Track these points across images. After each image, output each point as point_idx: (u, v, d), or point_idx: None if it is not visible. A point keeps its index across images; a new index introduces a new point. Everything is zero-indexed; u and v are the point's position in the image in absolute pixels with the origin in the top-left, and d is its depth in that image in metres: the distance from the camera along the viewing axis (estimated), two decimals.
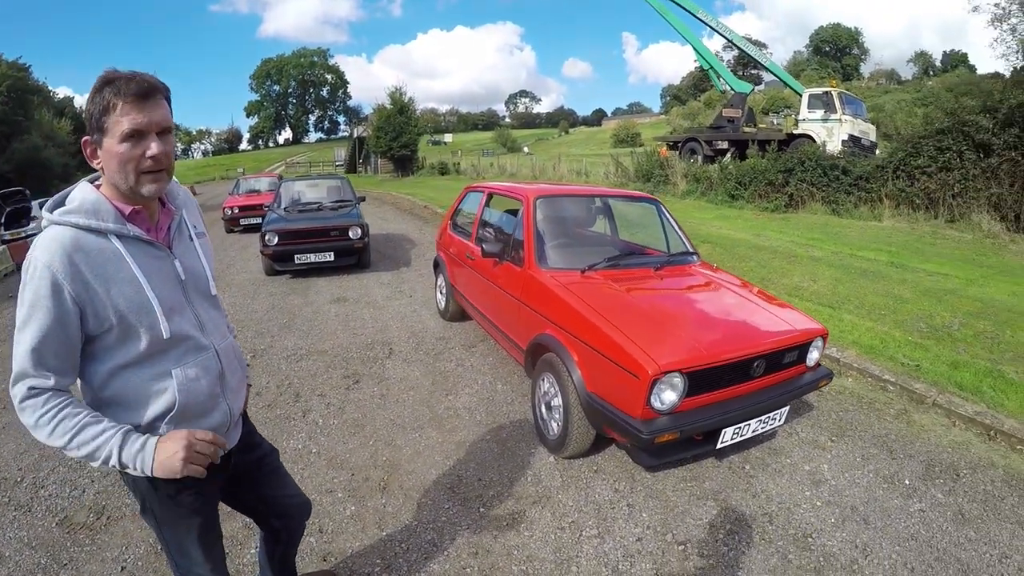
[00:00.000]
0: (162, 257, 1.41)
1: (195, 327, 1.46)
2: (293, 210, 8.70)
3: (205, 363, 1.46)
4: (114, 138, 1.25)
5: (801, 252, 8.45)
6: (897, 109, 36.02)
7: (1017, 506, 2.95)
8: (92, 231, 1.28)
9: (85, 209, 1.28)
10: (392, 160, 36.25)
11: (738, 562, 2.54)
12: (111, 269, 1.28)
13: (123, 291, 1.29)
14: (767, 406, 2.95)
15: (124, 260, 1.30)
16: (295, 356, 4.93)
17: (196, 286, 1.50)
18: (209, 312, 1.54)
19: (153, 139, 1.27)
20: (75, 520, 2.77)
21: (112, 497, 2.95)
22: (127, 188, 1.30)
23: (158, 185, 1.33)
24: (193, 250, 1.52)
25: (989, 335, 5.04)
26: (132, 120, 1.23)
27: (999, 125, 9.90)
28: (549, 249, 3.85)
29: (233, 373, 1.59)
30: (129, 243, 1.33)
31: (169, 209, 1.49)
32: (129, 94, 1.23)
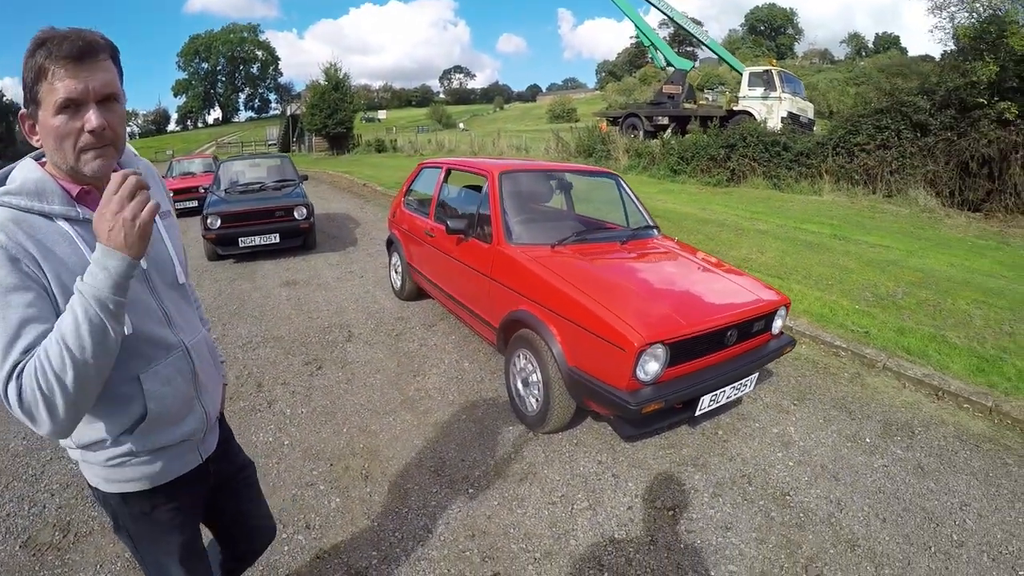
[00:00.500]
0: None
1: (161, 322, 1.27)
2: (234, 191, 8.30)
3: (175, 364, 1.28)
4: (48, 110, 1.04)
5: (747, 225, 8.70)
6: (830, 88, 37.62)
7: (969, 459, 3.15)
8: (36, 214, 1.09)
9: (27, 190, 1.09)
10: (327, 138, 35.18)
11: (726, 523, 2.61)
12: (60, 252, 1.08)
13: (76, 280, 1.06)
14: (739, 373, 3.03)
15: (76, 245, 1.11)
16: (251, 344, 4.72)
17: (161, 275, 1.30)
18: (177, 304, 1.34)
19: (92, 109, 1.06)
20: (40, 540, 2.50)
21: (76, 511, 2.67)
22: (67, 168, 1.11)
23: (103, 162, 1.11)
24: (156, 232, 1.31)
25: (931, 303, 5.33)
26: (66, 87, 1.02)
27: (936, 106, 10.48)
28: (517, 225, 3.79)
29: (207, 371, 1.41)
30: (81, 227, 1.13)
31: None
32: (62, 56, 1.02)
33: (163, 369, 1.25)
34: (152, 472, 1.30)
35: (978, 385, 3.86)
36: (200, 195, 11.86)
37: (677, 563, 2.37)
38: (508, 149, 22.30)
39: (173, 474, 1.35)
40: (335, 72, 34.49)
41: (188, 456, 1.38)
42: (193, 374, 1.34)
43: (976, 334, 4.64)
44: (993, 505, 2.76)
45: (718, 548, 2.45)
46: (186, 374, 1.31)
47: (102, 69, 1.08)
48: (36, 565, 2.35)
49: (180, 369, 1.30)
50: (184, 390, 1.31)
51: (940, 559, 2.41)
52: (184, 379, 1.31)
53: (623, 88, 60.06)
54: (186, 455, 1.38)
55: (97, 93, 1.06)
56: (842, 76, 44.67)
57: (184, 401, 1.31)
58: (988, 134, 9.58)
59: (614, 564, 2.37)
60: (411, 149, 29.31)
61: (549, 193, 4.96)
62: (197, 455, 1.41)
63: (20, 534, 2.53)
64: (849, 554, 2.43)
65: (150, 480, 1.31)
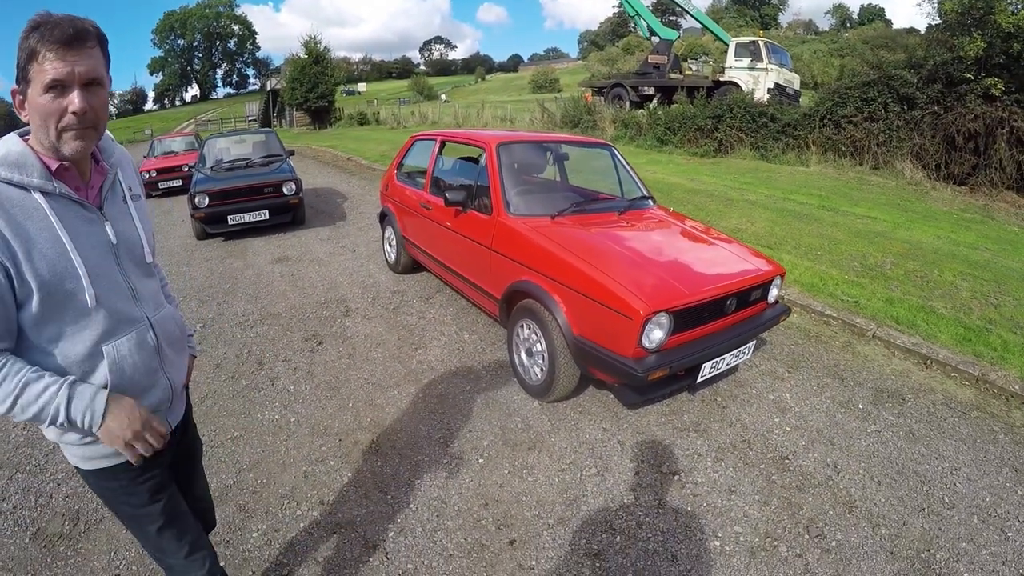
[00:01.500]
0: (92, 219, 1.27)
1: (126, 297, 1.33)
2: (220, 169, 8.14)
3: (139, 337, 1.34)
4: (37, 89, 1.12)
5: (736, 196, 8.73)
6: (814, 59, 37.50)
7: (958, 425, 3.26)
8: (14, 185, 1.15)
9: (9, 162, 1.15)
10: (308, 112, 34.48)
11: (730, 487, 2.68)
12: (32, 228, 1.15)
13: (45, 253, 1.16)
14: (738, 341, 3.09)
15: (48, 219, 1.17)
16: (247, 322, 4.69)
17: (129, 253, 1.36)
18: (143, 281, 1.40)
19: (76, 91, 1.13)
20: (50, 531, 2.46)
21: (85, 499, 2.63)
22: (49, 145, 1.18)
23: (82, 143, 1.19)
24: (127, 213, 1.39)
25: (919, 274, 5.42)
26: (54, 69, 1.10)
27: (923, 80, 10.48)
28: (515, 196, 3.78)
29: (172, 344, 1.47)
30: (55, 201, 1.20)
31: (103, 167, 1.35)
32: (53, 40, 1.10)
33: (126, 342, 1.31)
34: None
35: (965, 355, 3.97)
36: (183, 174, 11.65)
37: (685, 525, 2.44)
38: (493, 120, 22.07)
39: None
40: (315, 45, 33.70)
41: None
42: (157, 347, 1.40)
43: (963, 305, 4.75)
44: (982, 470, 2.86)
45: (723, 510, 2.53)
46: (148, 347, 1.37)
47: (89, 55, 1.15)
48: (48, 557, 2.32)
49: (143, 343, 1.35)
50: (147, 362, 1.36)
51: (933, 520, 2.51)
52: (147, 352, 1.36)
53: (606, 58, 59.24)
54: None
55: (82, 77, 1.14)
56: (826, 47, 44.50)
57: (147, 373, 1.36)
58: (974, 109, 9.63)
59: (625, 527, 2.43)
60: (394, 122, 28.85)
61: (544, 164, 4.95)
62: (165, 424, 1.46)
63: (28, 526, 2.48)
64: (847, 515, 2.52)
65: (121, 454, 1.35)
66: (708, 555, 2.30)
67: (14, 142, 1.19)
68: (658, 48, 19.95)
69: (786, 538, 2.38)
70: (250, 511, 2.54)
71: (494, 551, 2.32)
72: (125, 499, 1.43)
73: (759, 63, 16.53)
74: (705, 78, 19.37)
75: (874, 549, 2.34)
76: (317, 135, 28.90)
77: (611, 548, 2.32)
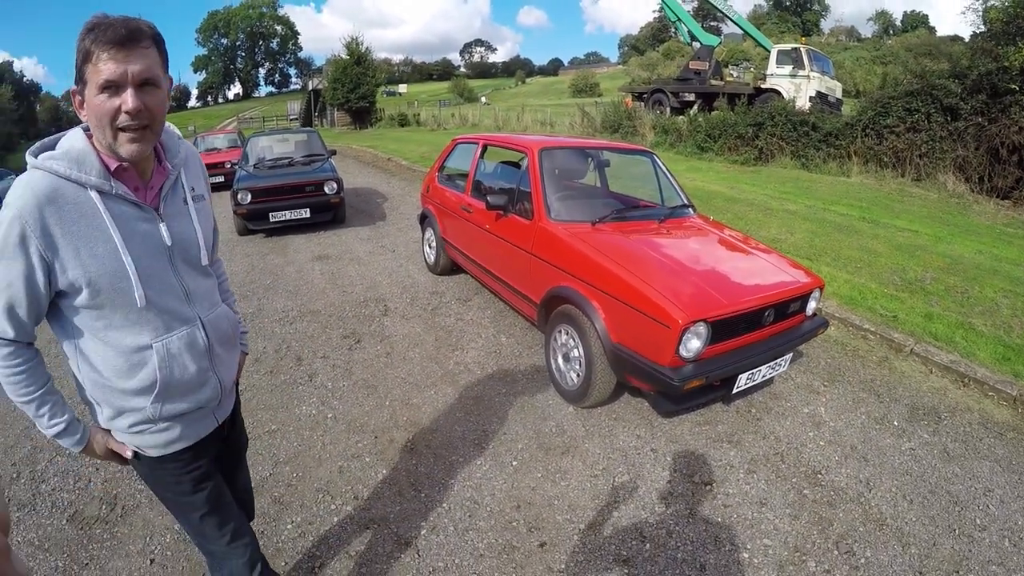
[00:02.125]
0: (148, 219, 1.30)
1: (179, 298, 1.36)
2: (263, 166, 8.36)
3: (190, 337, 1.38)
4: (93, 89, 1.14)
5: (775, 205, 8.61)
6: (856, 66, 36.65)
7: (994, 446, 3.19)
8: (72, 181, 1.18)
9: (71, 157, 1.19)
10: (349, 112, 35.08)
11: (761, 499, 2.68)
12: (84, 227, 1.18)
13: (95, 252, 1.19)
14: (775, 353, 3.09)
15: (101, 218, 1.20)
16: (287, 318, 4.83)
17: (184, 254, 1.38)
18: (197, 281, 1.43)
19: (129, 91, 1.15)
20: (87, 514, 2.55)
21: (123, 484, 2.74)
22: (105, 145, 1.20)
23: (139, 146, 1.21)
24: (186, 214, 1.40)
25: (959, 290, 5.28)
26: (108, 70, 1.12)
27: (967, 91, 10.16)
28: (557, 201, 3.82)
29: (224, 343, 1.50)
30: (111, 201, 1.22)
31: (164, 167, 1.37)
32: (106, 41, 1.11)
33: (176, 340, 1.35)
34: (172, 438, 1.43)
35: (1004, 374, 3.87)
36: (226, 170, 11.96)
37: (715, 536, 2.45)
38: (533, 124, 22.07)
39: (191, 439, 1.47)
40: (357, 46, 34.29)
41: (205, 421, 1.51)
42: (208, 347, 1.43)
43: (1003, 323, 4.62)
44: (1015, 492, 2.80)
45: (754, 523, 2.54)
46: (199, 347, 1.40)
47: (143, 55, 1.16)
48: (84, 539, 2.42)
49: (193, 343, 1.39)
50: (198, 362, 1.40)
51: (964, 541, 2.47)
52: (197, 351, 1.40)
53: (646, 63, 58.84)
54: (202, 420, 1.50)
55: (136, 77, 1.15)
56: (869, 55, 43.50)
57: (197, 372, 1.40)
58: (1019, 121, 9.30)
59: (655, 536, 2.45)
60: (434, 123, 29.17)
61: (585, 170, 4.98)
62: (213, 419, 1.54)
63: (67, 508, 2.60)
64: (878, 532, 2.50)
65: (171, 445, 1.43)
66: (737, 567, 2.31)
67: (78, 138, 1.22)
68: (699, 54, 19.77)
69: (815, 553, 2.38)
70: (285, 503, 2.62)
71: (524, 553, 2.36)
72: (171, 487, 1.49)
73: (801, 70, 16.25)
74: (746, 85, 19.13)
75: (903, 568, 2.32)
76: (358, 135, 29.35)
77: (640, 555, 2.35)
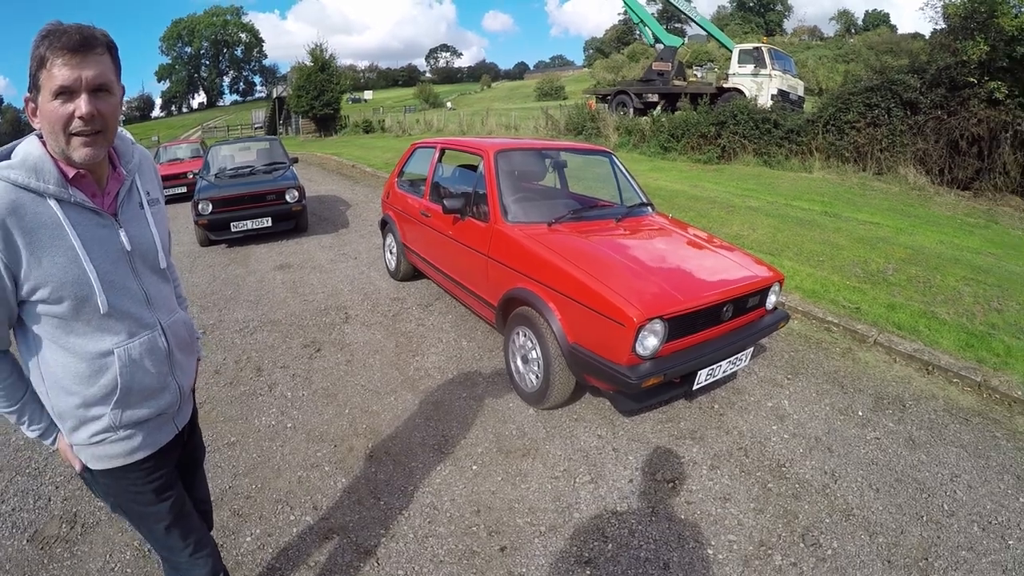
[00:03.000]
0: (106, 226, 1.29)
1: (140, 302, 1.35)
2: (224, 176, 8.21)
3: (151, 342, 1.37)
4: (46, 95, 1.14)
5: (738, 202, 8.70)
6: (819, 65, 37.45)
7: (959, 432, 3.23)
8: (30, 191, 1.17)
9: (27, 166, 1.17)
10: (314, 120, 34.69)
11: (725, 494, 2.67)
12: (46, 236, 1.17)
13: (57, 261, 1.18)
14: (735, 348, 3.09)
15: (62, 227, 1.19)
16: (248, 328, 4.72)
17: (144, 258, 1.38)
18: (158, 286, 1.43)
19: (83, 96, 1.15)
20: (47, 534, 2.48)
21: (82, 502, 2.66)
22: (59, 151, 1.19)
23: (92, 151, 1.20)
24: (143, 218, 1.40)
25: (921, 280, 5.38)
26: (61, 76, 1.12)
27: (927, 85, 10.41)
28: (513, 203, 3.79)
29: (182, 349, 1.50)
30: (70, 209, 1.22)
31: (120, 173, 1.36)
32: (60, 47, 1.11)
33: (138, 346, 1.34)
34: (133, 446, 1.40)
35: (967, 360, 3.94)
36: (188, 181, 11.73)
37: (679, 533, 2.43)
38: (497, 127, 22.08)
39: (153, 447, 1.44)
40: (321, 53, 33.95)
41: (165, 428, 1.49)
42: (168, 352, 1.43)
43: (965, 310, 4.71)
44: (982, 477, 2.83)
45: (718, 518, 2.52)
46: (159, 352, 1.40)
47: (97, 61, 1.16)
48: (45, 559, 2.33)
49: (154, 348, 1.38)
50: (158, 367, 1.40)
51: (932, 528, 2.48)
52: (158, 357, 1.39)
53: (611, 65, 59.24)
54: (163, 427, 1.48)
55: (89, 83, 1.15)
56: (831, 53, 44.54)
57: (158, 377, 1.40)
58: (978, 113, 9.55)
59: (617, 535, 2.42)
60: (399, 129, 28.89)
61: (543, 171, 4.96)
62: (173, 426, 1.52)
63: (26, 528, 2.51)
64: (844, 523, 2.50)
65: (133, 454, 1.40)
66: (701, 563, 2.28)
67: (34, 145, 1.21)
68: (662, 55, 19.98)
69: (781, 546, 2.37)
70: (244, 515, 2.55)
71: (485, 558, 2.31)
72: (134, 498, 1.46)
73: (762, 69, 16.49)
74: (709, 85, 19.39)
75: (871, 557, 2.32)
76: (323, 142, 29.05)
77: (603, 556, 2.31)
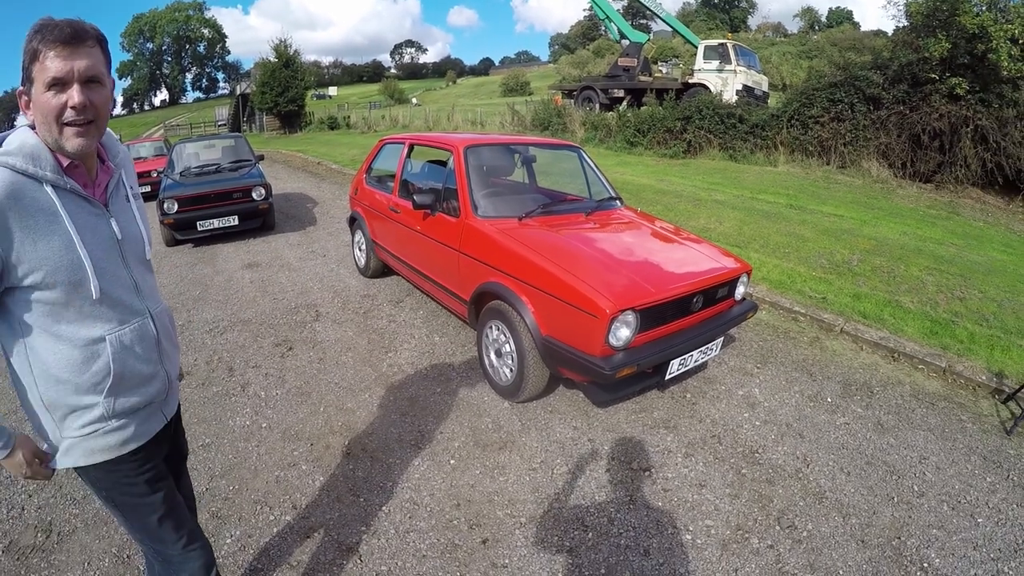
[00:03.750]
0: (98, 215, 1.32)
1: (130, 290, 1.38)
2: (190, 174, 8.02)
3: (141, 329, 1.40)
4: (40, 87, 1.18)
5: (704, 196, 8.84)
6: (783, 61, 38.09)
7: (926, 416, 3.35)
8: (29, 177, 1.19)
9: (25, 153, 1.20)
10: (279, 117, 33.99)
11: (700, 481, 2.72)
12: (42, 221, 1.19)
13: (52, 245, 1.20)
14: (706, 338, 3.14)
15: (58, 213, 1.21)
16: (217, 328, 4.62)
17: (132, 248, 1.41)
18: (144, 276, 1.46)
19: (75, 87, 1.18)
20: (23, 543, 2.39)
21: (57, 509, 2.58)
22: (52, 141, 1.22)
23: (84, 140, 1.23)
24: (130, 211, 1.44)
25: (885, 270, 5.54)
26: (54, 67, 1.16)
27: (889, 81, 10.71)
28: (483, 198, 3.78)
29: (168, 338, 1.53)
30: (65, 196, 1.24)
31: (108, 166, 1.40)
32: (53, 40, 1.15)
33: (128, 332, 1.36)
34: (125, 437, 1.40)
35: (932, 347, 4.07)
36: (153, 179, 11.40)
37: (656, 520, 2.47)
38: (463, 123, 22.02)
39: (144, 437, 1.46)
40: (285, 49, 33.26)
41: (155, 418, 1.51)
42: (157, 340, 1.45)
43: (929, 299, 4.86)
44: (950, 458, 2.94)
45: (694, 504, 2.56)
46: (149, 339, 1.43)
47: (88, 54, 1.20)
48: (22, 570, 2.26)
49: (144, 335, 1.41)
50: (148, 354, 1.42)
51: (903, 508, 2.57)
52: (148, 344, 1.42)
53: (577, 61, 59.21)
54: (153, 417, 1.50)
55: (81, 74, 1.18)
56: (795, 49, 45.30)
57: (147, 363, 1.42)
58: (939, 108, 9.86)
59: (597, 524, 2.45)
60: (364, 126, 28.59)
61: (512, 167, 4.97)
62: (162, 416, 1.54)
63: (1, 539, 2.42)
64: (818, 506, 2.57)
65: (125, 445, 1.41)
66: (680, 549, 2.32)
67: (29, 135, 1.23)
68: (628, 51, 20.12)
69: (757, 530, 2.42)
70: (223, 517, 2.51)
71: (467, 551, 2.32)
72: (127, 489, 1.45)
73: (727, 65, 16.75)
74: (674, 80, 19.59)
75: (845, 538, 2.38)
76: (287, 139, 28.60)
77: (583, 544, 2.34)
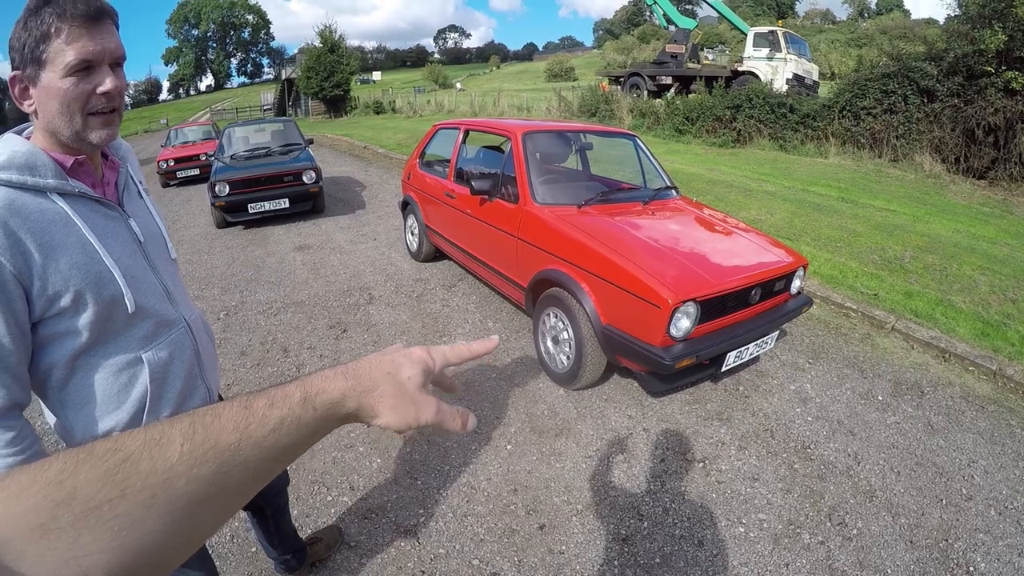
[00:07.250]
0: (114, 217, 1.17)
1: (162, 298, 1.24)
2: (240, 157, 8.22)
3: (178, 340, 1.26)
4: (56, 71, 0.99)
5: (755, 186, 8.67)
6: (831, 49, 36.85)
7: (976, 419, 3.27)
8: (28, 189, 1.03)
9: (17, 163, 1.02)
10: (324, 101, 34.56)
11: (753, 474, 2.72)
12: (57, 234, 1.03)
13: (75, 260, 1.05)
14: (762, 331, 3.12)
15: (72, 222, 1.06)
16: (271, 310, 4.76)
17: (156, 249, 1.28)
18: (174, 279, 1.33)
19: (106, 72, 1.03)
20: None
21: None
22: (71, 134, 1.05)
23: (110, 130, 1.09)
24: (144, 208, 1.30)
25: (937, 268, 5.38)
26: (82, 48, 0.99)
27: (943, 73, 10.30)
28: (541, 185, 3.81)
29: (206, 348, 1.39)
30: (74, 201, 1.08)
31: (114, 162, 1.25)
32: (77, 16, 0.98)
33: (166, 346, 1.23)
34: None
35: (983, 349, 3.96)
36: (201, 163, 11.78)
37: (711, 512, 2.48)
38: (509, 109, 21.93)
39: None
40: (330, 34, 33.69)
41: None
42: (195, 351, 1.32)
43: (981, 299, 4.72)
44: (999, 463, 2.87)
45: (747, 498, 2.57)
46: (188, 351, 1.29)
47: (112, 32, 1.06)
48: None
49: (182, 346, 1.28)
50: (188, 368, 1.29)
51: (951, 511, 2.53)
52: (187, 356, 1.29)
53: (621, 47, 58.35)
54: None
55: (111, 55, 1.05)
56: (844, 37, 43.84)
57: (188, 379, 1.29)
58: (995, 103, 9.45)
59: (652, 513, 2.48)
60: (410, 110, 28.73)
61: (567, 153, 4.97)
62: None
63: None
64: (868, 504, 2.55)
65: None
66: (733, 541, 2.33)
67: (17, 142, 1.06)
68: (676, 37, 19.77)
69: (808, 525, 2.42)
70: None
71: (524, 536, 2.37)
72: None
73: (778, 53, 16.30)
74: (723, 68, 19.16)
75: (894, 538, 2.37)
76: (333, 124, 28.93)
77: (639, 533, 2.37)
